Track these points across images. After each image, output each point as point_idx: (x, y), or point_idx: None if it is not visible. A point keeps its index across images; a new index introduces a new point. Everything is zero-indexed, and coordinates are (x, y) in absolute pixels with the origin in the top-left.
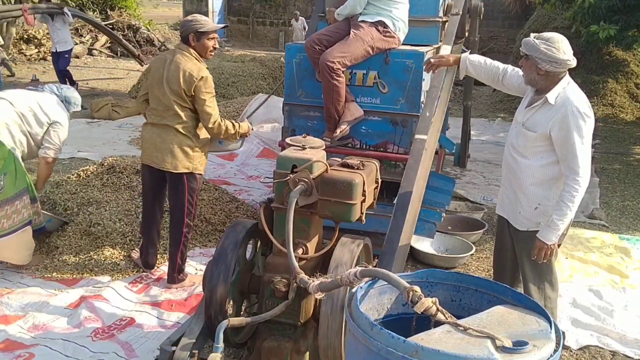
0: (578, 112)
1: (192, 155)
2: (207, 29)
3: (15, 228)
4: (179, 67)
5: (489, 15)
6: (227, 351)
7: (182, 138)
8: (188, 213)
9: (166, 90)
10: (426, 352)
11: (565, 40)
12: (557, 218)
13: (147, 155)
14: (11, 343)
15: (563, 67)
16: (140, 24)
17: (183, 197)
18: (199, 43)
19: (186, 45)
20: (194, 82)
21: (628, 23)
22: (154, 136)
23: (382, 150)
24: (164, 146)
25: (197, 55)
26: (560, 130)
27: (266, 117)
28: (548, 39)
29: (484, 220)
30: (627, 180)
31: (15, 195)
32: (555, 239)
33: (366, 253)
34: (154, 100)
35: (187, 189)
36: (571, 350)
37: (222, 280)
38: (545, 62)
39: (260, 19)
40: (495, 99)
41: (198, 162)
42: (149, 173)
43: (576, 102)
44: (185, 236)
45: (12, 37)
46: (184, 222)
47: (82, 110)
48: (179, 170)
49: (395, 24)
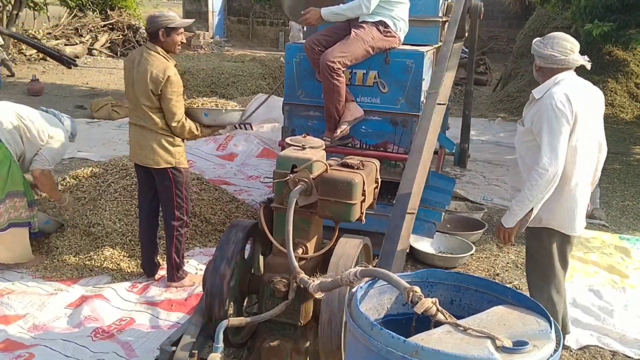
0: (551, 106)
1: (173, 150)
2: (177, 25)
3: (3, 227)
4: (147, 68)
5: (489, 15)
6: (227, 351)
7: (160, 136)
8: (178, 207)
9: (136, 93)
10: (426, 352)
11: (561, 38)
12: (515, 204)
13: (132, 153)
14: (11, 343)
15: (550, 62)
16: (140, 24)
17: (171, 192)
18: (169, 38)
19: (153, 42)
20: (161, 82)
21: (626, 22)
22: (137, 134)
23: (382, 150)
24: (145, 143)
25: (164, 52)
26: (536, 123)
27: (266, 117)
28: (544, 37)
29: (484, 220)
30: (627, 180)
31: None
32: (512, 224)
33: (366, 253)
34: (130, 102)
35: (174, 182)
36: (571, 350)
37: (222, 280)
38: (537, 58)
39: (260, 19)
40: (495, 99)
41: (180, 155)
42: (139, 171)
43: (555, 96)
44: (178, 230)
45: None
46: (174, 216)
47: (82, 110)
48: (161, 166)
49: (396, 23)
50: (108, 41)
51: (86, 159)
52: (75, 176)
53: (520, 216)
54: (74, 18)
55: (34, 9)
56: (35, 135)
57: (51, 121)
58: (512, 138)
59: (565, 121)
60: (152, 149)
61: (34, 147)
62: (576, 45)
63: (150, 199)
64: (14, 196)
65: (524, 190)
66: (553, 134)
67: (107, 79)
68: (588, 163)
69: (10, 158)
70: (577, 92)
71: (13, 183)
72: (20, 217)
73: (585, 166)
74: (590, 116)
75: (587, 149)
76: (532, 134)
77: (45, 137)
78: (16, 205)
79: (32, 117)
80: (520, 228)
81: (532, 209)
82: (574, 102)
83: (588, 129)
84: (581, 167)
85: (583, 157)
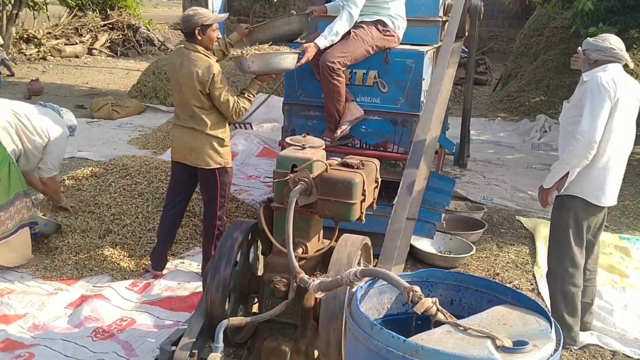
0: (597, 83)
1: (222, 151)
2: (212, 21)
3: (9, 233)
4: (191, 69)
5: (489, 15)
6: (227, 351)
7: (210, 138)
8: (221, 206)
9: (185, 96)
10: (426, 352)
11: (615, 37)
12: (554, 166)
13: (178, 153)
14: (11, 343)
15: (609, 54)
16: (140, 23)
17: (216, 191)
18: (205, 36)
19: (192, 41)
20: (207, 81)
21: (628, 24)
22: (185, 135)
23: (382, 149)
24: (195, 145)
25: (204, 50)
26: (581, 98)
27: (266, 117)
28: (600, 36)
29: (484, 220)
30: (627, 180)
31: (8, 202)
32: (550, 185)
33: (366, 253)
34: (177, 106)
35: (220, 183)
36: (571, 350)
37: (222, 280)
38: (593, 52)
39: (260, 18)
40: (495, 99)
41: (227, 155)
42: (179, 169)
43: (603, 77)
44: (219, 229)
45: (12, 37)
46: (216, 215)
47: (82, 110)
48: (212, 167)
49: (394, 22)
50: (108, 41)
51: (86, 159)
52: (75, 176)
53: (557, 178)
54: (74, 18)
55: (34, 9)
56: (33, 132)
57: (50, 116)
58: (512, 138)
59: (608, 98)
60: (203, 150)
61: (33, 144)
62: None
63: (182, 198)
64: (23, 196)
65: (564, 154)
66: (594, 106)
67: (107, 79)
68: (623, 145)
69: (9, 159)
70: (622, 81)
71: (16, 184)
72: (24, 217)
73: (619, 146)
74: (629, 106)
75: (622, 134)
76: (577, 110)
77: (44, 133)
78: (28, 205)
79: (29, 114)
80: (558, 190)
81: (569, 173)
82: (618, 87)
83: (627, 114)
84: (615, 146)
85: (618, 139)
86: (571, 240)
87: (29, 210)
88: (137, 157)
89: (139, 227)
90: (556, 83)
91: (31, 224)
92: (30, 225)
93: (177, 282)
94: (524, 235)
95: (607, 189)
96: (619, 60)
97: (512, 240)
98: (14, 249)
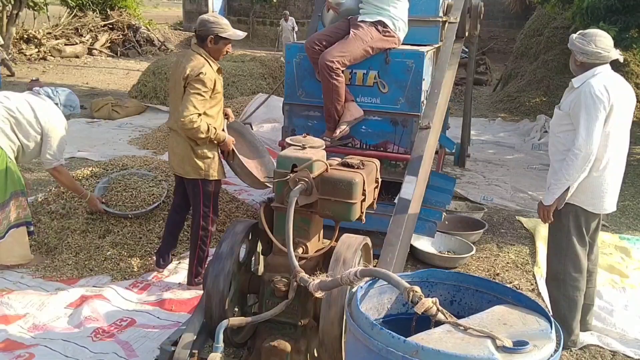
0: (590, 94)
1: (203, 161)
2: (228, 35)
3: (4, 233)
4: (184, 67)
5: (489, 15)
6: (227, 351)
7: (191, 146)
8: (204, 216)
9: (174, 94)
10: (426, 352)
11: (602, 35)
12: (553, 183)
13: (169, 161)
14: (11, 343)
15: (594, 58)
16: (140, 23)
17: (199, 201)
18: (216, 46)
19: (201, 45)
20: (190, 77)
21: (627, 23)
22: (172, 140)
23: (382, 150)
24: (177, 151)
25: (207, 55)
26: (574, 108)
27: (266, 117)
28: (585, 34)
29: (484, 221)
30: (627, 180)
31: (4, 202)
32: (550, 202)
33: (366, 253)
34: (170, 106)
35: (202, 193)
36: (571, 350)
37: (222, 280)
38: (578, 54)
39: (260, 18)
40: (495, 99)
41: (209, 167)
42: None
43: (595, 86)
44: (202, 239)
45: (12, 37)
46: (199, 225)
47: (82, 110)
48: (191, 176)
49: (395, 23)
50: (108, 41)
51: (86, 159)
52: (75, 176)
53: (558, 194)
54: (74, 18)
55: (34, 9)
56: (26, 125)
57: (43, 105)
58: (512, 138)
59: (602, 108)
60: (183, 158)
61: (29, 137)
62: (612, 42)
63: (181, 200)
64: (19, 195)
65: (562, 169)
66: (590, 118)
67: (107, 79)
68: (619, 150)
69: (6, 157)
70: (614, 85)
71: (13, 182)
72: (19, 216)
73: (615, 152)
74: (624, 108)
75: (618, 136)
76: (569, 118)
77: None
78: (23, 205)
79: (21, 108)
80: (559, 206)
81: (569, 188)
82: (611, 93)
83: (622, 116)
84: (611, 151)
85: (615, 142)
86: (574, 244)
87: (24, 210)
88: (137, 157)
89: (139, 227)
90: (556, 83)
91: (27, 223)
92: (26, 224)
93: (177, 283)
94: (524, 235)
95: (605, 196)
96: (605, 62)
97: (512, 240)
98: (11, 248)
